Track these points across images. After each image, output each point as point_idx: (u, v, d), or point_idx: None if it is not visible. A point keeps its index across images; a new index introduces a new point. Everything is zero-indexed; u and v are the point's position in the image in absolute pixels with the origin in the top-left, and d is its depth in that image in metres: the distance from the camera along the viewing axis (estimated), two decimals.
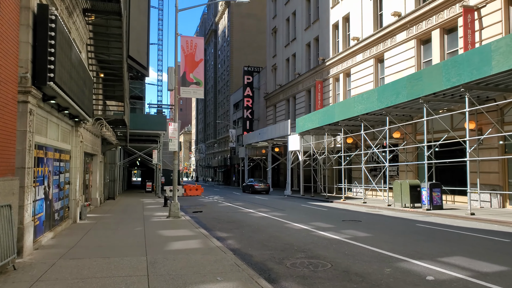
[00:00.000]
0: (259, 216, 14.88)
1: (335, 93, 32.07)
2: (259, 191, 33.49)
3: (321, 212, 16.72)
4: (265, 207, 19.39)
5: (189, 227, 11.29)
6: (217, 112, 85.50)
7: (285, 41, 42.96)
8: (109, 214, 15.03)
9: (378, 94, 19.67)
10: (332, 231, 10.65)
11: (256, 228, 11.44)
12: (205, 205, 21.24)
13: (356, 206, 20.28)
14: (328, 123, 24.77)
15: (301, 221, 13.06)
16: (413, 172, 22.45)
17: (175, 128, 13.98)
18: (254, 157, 46.24)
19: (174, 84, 14.02)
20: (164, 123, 28.00)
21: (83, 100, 10.54)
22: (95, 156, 18.27)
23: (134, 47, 25.50)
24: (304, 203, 22.22)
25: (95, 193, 18.22)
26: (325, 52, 33.40)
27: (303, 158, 29.82)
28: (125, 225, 11.73)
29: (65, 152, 11.16)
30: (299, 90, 38.69)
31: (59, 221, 10.53)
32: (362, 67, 27.83)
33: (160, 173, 28.47)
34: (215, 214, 15.75)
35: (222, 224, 12.60)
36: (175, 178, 14.04)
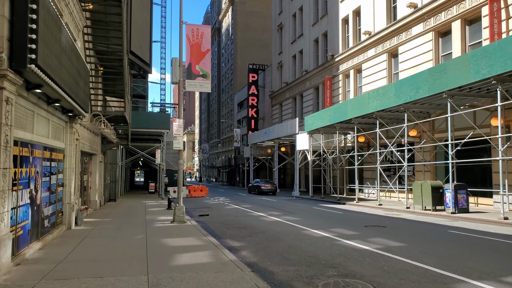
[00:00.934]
0: (271, 220, 13.66)
1: (345, 90, 30.81)
2: (265, 192, 32.28)
3: (337, 216, 15.48)
4: (275, 209, 18.17)
5: (196, 234, 10.09)
6: (221, 112, 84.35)
7: (291, 37, 41.72)
8: (108, 218, 13.86)
9: (395, 89, 18.40)
10: (358, 239, 9.41)
11: (271, 235, 10.22)
12: (211, 207, 20.05)
13: (372, 209, 19.03)
14: (340, 120, 23.51)
15: (320, 227, 11.83)
16: (430, 172, 21.16)
17: (180, 125, 12.79)
18: (259, 157, 45.03)
19: (178, 77, 12.83)
20: (167, 121, 26.81)
21: (77, 93, 9.37)
22: (94, 156, 17.12)
23: (136, 42, 24.39)
24: (316, 205, 20.98)
25: (94, 195, 17.06)
26: (334, 47, 32.14)
27: (312, 158, 28.57)
28: (125, 232, 10.55)
29: (57, 150, 9.99)
30: (306, 88, 37.43)
31: (50, 228, 9.36)
32: (374, 63, 26.55)
33: (163, 174, 27.31)
34: (223, 218, 14.55)
35: (232, 230, 11.39)
36: (180, 179, 12.85)
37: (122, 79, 14.46)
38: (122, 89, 14.91)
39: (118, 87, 15.40)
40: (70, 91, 8.50)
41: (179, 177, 12.86)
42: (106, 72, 15.88)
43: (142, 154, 28.55)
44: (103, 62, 15.10)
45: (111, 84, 15.65)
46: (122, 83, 14.63)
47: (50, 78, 6.77)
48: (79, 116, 11.05)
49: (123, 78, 14.25)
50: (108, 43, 14.02)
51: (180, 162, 12.93)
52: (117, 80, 15.41)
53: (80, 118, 11.28)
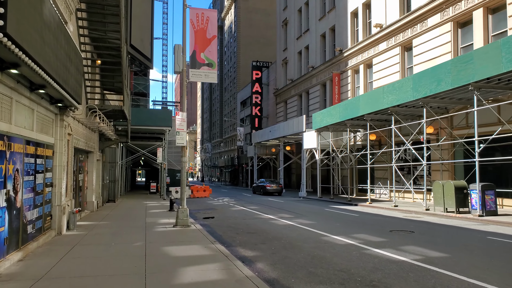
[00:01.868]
0: (283, 224, 12.43)
1: (354, 86, 29.55)
2: (271, 193, 31.05)
3: (353, 218, 14.25)
4: (284, 211, 16.95)
5: (202, 241, 8.88)
6: (223, 111, 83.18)
7: (297, 33, 40.48)
8: (105, 221, 12.67)
9: (413, 82, 17.15)
10: (389, 247, 8.18)
11: (287, 242, 9.00)
12: (215, 209, 18.84)
13: (387, 211, 17.79)
14: (351, 117, 22.27)
15: (339, 232, 10.60)
16: (449, 172, 19.90)
17: (183, 119, 11.58)
18: (263, 156, 43.81)
19: (181, 66, 11.62)
20: (169, 118, 25.63)
21: (66, 80, 8.17)
22: (91, 154, 15.94)
23: (136, 35, 23.21)
24: (326, 207, 19.75)
25: (91, 196, 15.88)
26: (342, 42, 30.89)
27: (320, 157, 27.32)
28: (121, 238, 9.35)
29: (45, 146, 8.80)
30: (312, 84, 36.18)
31: (36, 235, 8.16)
32: (386, 57, 25.29)
33: (165, 173, 26.11)
34: (230, 221, 13.33)
35: (242, 235, 10.17)
36: (183, 178, 11.64)
37: (121, 70, 13.27)
38: (120, 81, 13.72)
39: (117, 79, 14.23)
40: (57, 76, 7.30)
41: (182, 177, 11.66)
42: (104, 64, 14.71)
43: (143, 153, 27.37)
44: (99, 51, 13.91)
45: (109, 77, 14.47)
46: (121, 74, 13.45)
47: (28, 55, 5.57)
48: (71, 108, 9.86)
49: (121, 68, 13.07)
50: (105, 29, 12.84)
51: (184, 160, 11.73)
52: (116, 72, 14.25)
53: (72, 110, 10.08)
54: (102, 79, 14.42)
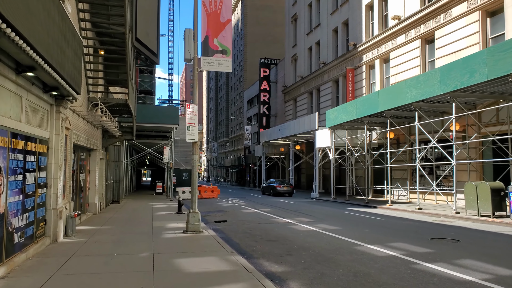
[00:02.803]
0: (305, 230, 11.16)
1: (369, 82, 28.20)
2: (281, 193, 29.78)
3: (380, 223, 12.94)
4: (301, 214, 15.68)
5: (218, 251, 7.64)
6: (230, 110, 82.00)
7: (307, 28, 39.17)
8: (107, 226, 11.48)
9: (441, 75, 15.80)
10: (442, 261, 6.89)
11: (317, 253, 7.73)
12: (226, 211, 17.61)
13: (413, 214, 16.45)
14: (369, 113, 20.96)
15: (373, 240, 9.32)
16: (477, 172, 18.51)
17: (194, 112, 10.35)
18: (272, 155, 42.52)
19: (192, 53, 10.40)
20: (176, 116, 24.47)
21: (61, 63, 6.99)
22: (94, 152, 14.78)
23: (142, 29, 22.05)
24: (344, 209, 18.45)
25: (93, 197, 14.71)
26: (356, 36, 29.54)
27: (334, 156, 26.00)
28: (126, 247, 8.14)
29: (37, 140, 7.61)
30: (324, 81, 34.85)
31: (25, 244, 6.98)
32: (405, 50, 23.92)
33: (172, 173, 24.93)
34: (245, 226, 12.09)
35: (262, 244, 8.92)
36: (195, 178, 10.41)
37: (125, 60, 12.08)
38: (125, 71, 12.53)
39: (121, 69, 13.04)
40: (49, 56, 6.10)
41: (193, 177, 10.43)
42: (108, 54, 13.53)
43: (148, 152, 26.23)
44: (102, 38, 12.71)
45: (113, 68, 13.29)
46: (125, 64, 12.25)
47: (6, 22, 4.36)
48: (68, 98, 8.66)
49: (126, 57, 11.87)
50: (108, 13, 11.64)
51: (195, 158, 10.50)
52: (120, 62, 13.07)
53: (70, 101, 8.89)
54: (106, 70, 13.24)
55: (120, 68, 12.65)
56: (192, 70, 10.68)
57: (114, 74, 13.68)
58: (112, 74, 13.74)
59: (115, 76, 13.83)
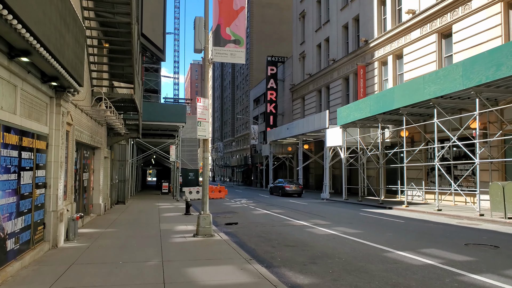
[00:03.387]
0: (324, 233, 10.37)
1: (381, 79, 27.32)
2: (290, 194, 28.98)
3: (402, 226, 12.12)
4: (316, 216, 14.89)
5: (234, 258, 6.89)
6: (235, 109, 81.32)
7: (315, 25, 38.33)
8: (112, 229, 10.77)
9: (463, 69, 14.94)
10: (490, 273, 6.08)
11: (345, 262, 6.95)
12: (236, 212, 16.86)
13: (433, 216, 15.60)
14: (384, 111, 20.11)
15: (401, 245, 8.51)
16: (499, 171, 17.60)
17: (205, 107, 9.61)
18: (279, 155, 41.70)
19: (203, 43, 9.65)
20: (183, 114, 23.78)
21: (62, 50, 6.27)
22: (98, 150, 14.08)
23: (148, 25, 21.43)
24: (358, 210, 17.63)
25: (97, 197, 14.02)
26: (368, 32, 28.66)
27: (346, 155, 25.16)
28: (132, 253, 7.41)
29: (34, 135, 6.90)
30: (334, 79, 33.99)
31: (20, 251, 6.26)
32: (420, 45, 23.02)
33: (178, 173, 24.22)
34: (258, 229, 11.32)
35: (281, 250, 8.15)
36: (206, 178, 9.67)
37: (131, 52, 11.36)
38: (131, 65, 11.81)
39: (127, 63, 12.33)
40: (46, 40, 5.39)
41: (205, 176, 9.69)
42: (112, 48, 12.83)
43: (155, 151, 25.56)
44: (106, 29, 12.00)
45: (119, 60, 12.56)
46: (131, 57, 11.53)
47: None
48: (70, 91, 7.95)
49: (132, 49, 11.15)
50: (113, 1, 10.92)
51: (206, 156, 9.75)
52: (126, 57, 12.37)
53: (71, 94, 8.17)
54: (110, 62, 12.52)
55: (126, 61, 11.94)
56: (203, 61, 9.93)
57: (119, 68, 12.97)
58: (117, 68, 13.03)
59: (120, 70, 13.12)
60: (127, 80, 13.77)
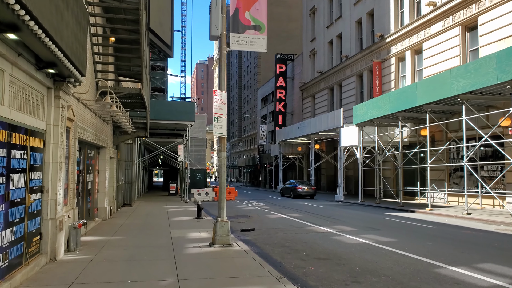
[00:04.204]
0: (355, 243, 9.27)
1: (399, 75, 26.12)
2: (302, 196, 27.87)
3: (438, 233, 10.98)
4: (337, 221, 13.79)
5: (262, 277, 5.83)
6: (242, 109, 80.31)
7: (327, 21, 37.18)
8: (118, 236, 9.76)
9: (497, 61, 13.76)
10: None
11: (393, 280, 5.86)
12: (249, 216, 15.80)
13: (464, 220, 14.42)
14: (405, 108, 18.97)
15: (448, 258, 7.40)
16: None
17: (222, 100, 8.56)
18: (289, 155, 40.59)
19: (220, 29, 8.60)
20: (192, 112, 22.78)
21: (59, 29, 5.25)
22: (103, 150, 13.10)
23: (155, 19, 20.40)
24: (380, 214, 16.50)
25: (102, 200, 13.04)
26: (384, 27, 27.46)
27: (362, 155, 24.00)
28: (141, 268, 6.38)
29: (28, 132, 5.89)
30: (347, 76, 32.82)
31: (11, 269, 5.25)
32: (442, 39, 21.80)
33: (187, 173, 23.24)
34: (279, 237, 10.25)
35: (313, 264, 7.07)
36: (223, 180, 8.61)
37: (139, 41, 10.35)
38: (139, 56, 10.79)
39: (135, 53, 11.34)
40: (39, 13, 4.37)
41: (221, 178, 8.64)
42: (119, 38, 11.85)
43: (163, 151, 24.60)
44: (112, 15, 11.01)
45: (126, 51, 11.59)
46: (139, 47, 10.53)
47: None
48: (70, 81, 6.94)
49: (140, 38, 10.14)
50: None
51: (222, 156, 8.70)
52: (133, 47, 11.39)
53: (72, 85, 7.17)
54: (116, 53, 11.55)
55: (133, 52, 10.96)
56: (219, 49, 8.89)
57: (125, 59, 11.98)
58: (124, 59, 12.05)
59: (126, 61, 12.13)
60: (134, 73, 12.77)
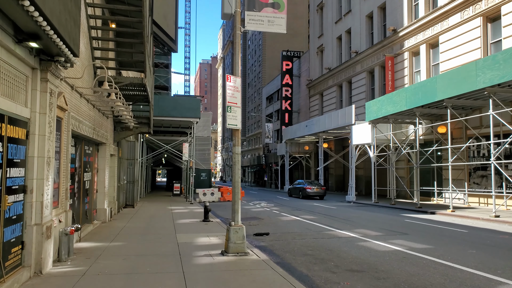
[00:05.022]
0: (386, 250, 8.15)
1: (412, 71, 24.95)
2: (311, 196, 26.74)
3: (474, 238, 9.84)
4: (356, 224, 12.68)
5: None
6: (246, 107, 79.24)
7: (335, 16, 36.03)
8: (118, 242, 8.69)
9: None
10: None
11: None
12: (260, 218, 14.70)
13: (494, 224, 13.25)
14: (423, 104, 17.82)
15: (510, 272, 6.28)
16: None
17: (237, 87, 7.47)
18: (295, 154, 39.46)
19: (234, 6, 7.51)
20: (197, 108, 21.72)
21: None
22: (103, 146, 12.05)
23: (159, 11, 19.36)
24: (399, 216, 15.36)
25: (102, 201, 11.98)
26: (396, 20, 26.29)
27: (375, 154, 22.85)
28: (144, 285, 5.30)
29: (5, 119, 4.83)
30: (356, 72, 31.65)
31: None
32: (460, 31, 20.62)
33: (192, 172, 22.17)
34: (299, 243, 9.15)
35: (347, 277, 5.98)
36: (237, 179, 7.52)
37: (141, 24, 9.30)
38: (141, 41, 9.74)
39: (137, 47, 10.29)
40: None
41: (235, 175, 7.56)
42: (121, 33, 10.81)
43: (167, 149, 23.57)
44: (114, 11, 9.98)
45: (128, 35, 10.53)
46: (141, 31, 9.47)
47: None
48: (60, 61, 5.87)
49: (142, 22, 9.08)
50: None
51: (237, 151, 7.61)
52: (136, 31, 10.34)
53: (62, 66, 6.10)
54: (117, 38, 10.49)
55: (136, 37, 9.88)
56: (233, 30, 7.80)
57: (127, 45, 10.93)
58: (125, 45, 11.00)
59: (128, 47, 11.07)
60: (136, 61, 11.72)
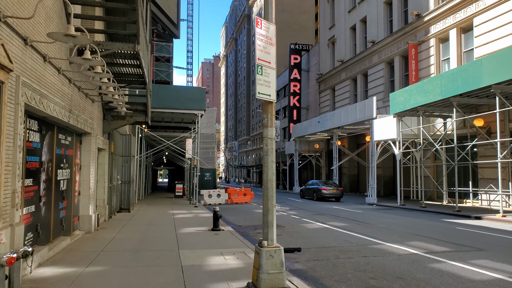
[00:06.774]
0: (485, 280, 5.71)
1: (439, 59, 22.47)
2: (327, 198, 24.32)
3: None
4: (402, 234, 10.25)
5: None
6: (251, 106, 76.90)
7: (348, 5, 33.60)
8: (97, 267, 6.25)
9: None
10: None
11: None
12: (280, 226, 12.25)
13: None
14: (464, 91, 15.37)
15: None
16: None
17: (270, 38, 5.09)
18: (305, 153, 37.03)
19: None
20: (202, 99, 19.30)
21: None
22: (87, 137, 9.63)
23: None
24: (443, 222, 12.91)
25: (86, 206, 9.56)
26: (421, 4, 23.84)
27: (401, 151, 20.38)
28: None
29: None
30: (373, 63, 29.19)
31: None
32: (500, 11, 18.15)
33: (197, 172, 19.74)
34: (347, 263, 6.73)
35: None
36: (270, 177, 5.09)
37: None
38: (134, 10, 7.31)
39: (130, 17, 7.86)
40: None
41: (268, 171, 5.12)
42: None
43: (168, 145, 21.17)
44: None
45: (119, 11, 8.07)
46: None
47: None
48: None
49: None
50: None
51: (270, 135, 5.17)
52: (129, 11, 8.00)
53: None
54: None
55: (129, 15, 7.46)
56: None
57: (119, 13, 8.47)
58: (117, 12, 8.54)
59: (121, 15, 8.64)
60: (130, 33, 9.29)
